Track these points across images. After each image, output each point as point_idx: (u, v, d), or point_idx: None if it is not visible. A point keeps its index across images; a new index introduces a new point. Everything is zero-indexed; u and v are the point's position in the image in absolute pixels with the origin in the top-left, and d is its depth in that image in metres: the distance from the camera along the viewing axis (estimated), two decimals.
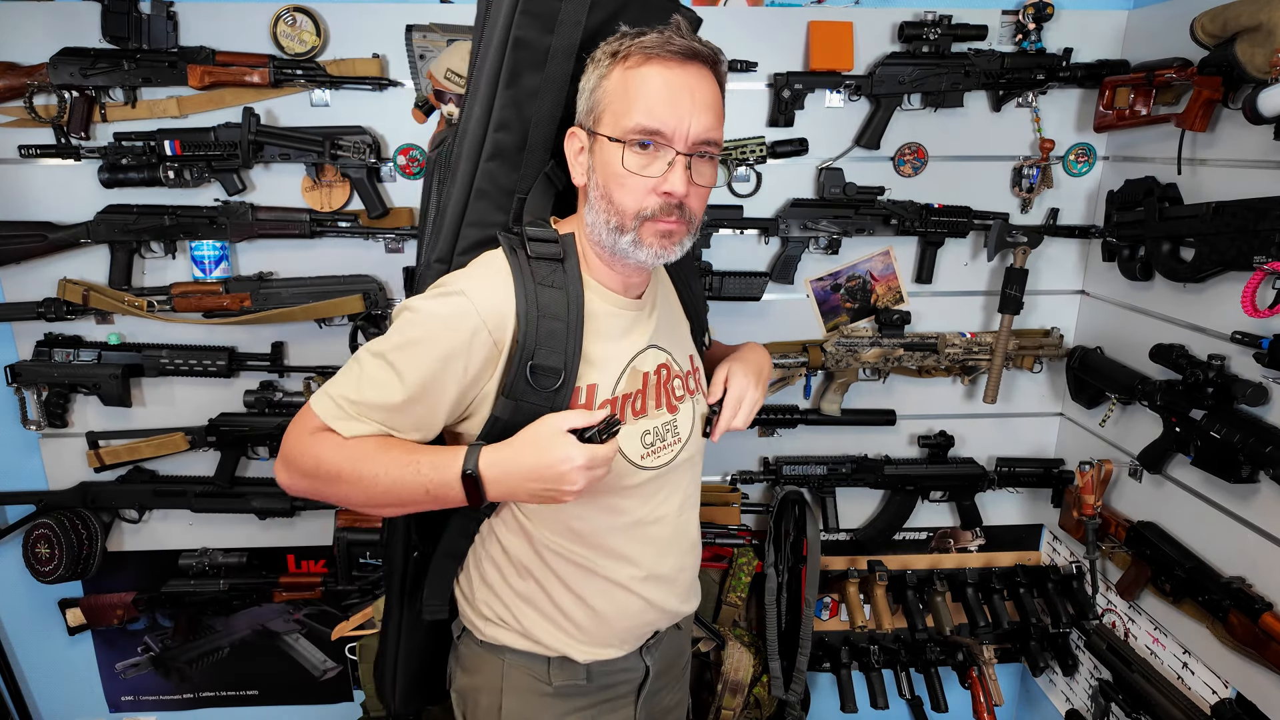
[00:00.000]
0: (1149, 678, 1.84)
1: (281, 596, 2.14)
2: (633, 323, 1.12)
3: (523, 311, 0.99)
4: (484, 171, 1.09)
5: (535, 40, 1.07)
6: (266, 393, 1.99)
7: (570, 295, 1.03)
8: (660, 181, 0.97)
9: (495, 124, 1.09)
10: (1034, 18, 1.85)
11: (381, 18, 1.81)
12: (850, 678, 2.20)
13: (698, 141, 0.98)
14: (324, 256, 1.95)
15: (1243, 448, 1.51)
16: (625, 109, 0.97)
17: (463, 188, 1.11)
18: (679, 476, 1.19)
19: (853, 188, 1.93)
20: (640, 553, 1.16)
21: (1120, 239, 1.86)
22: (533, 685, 1.19)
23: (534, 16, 1.06)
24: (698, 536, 1.29)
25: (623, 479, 1.10)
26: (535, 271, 1.02)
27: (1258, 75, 1.46)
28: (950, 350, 2.03)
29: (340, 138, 1.82)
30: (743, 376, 1.21)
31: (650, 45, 0.96)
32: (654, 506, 1.16)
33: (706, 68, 0.99)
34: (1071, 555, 2.15)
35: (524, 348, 0.99)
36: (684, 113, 0.96)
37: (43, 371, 1.92)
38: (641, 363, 1.12)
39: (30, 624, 2.19)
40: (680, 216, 1.00)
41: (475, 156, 1.10)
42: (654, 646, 1.26)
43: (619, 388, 1.09)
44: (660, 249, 1.01)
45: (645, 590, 1.17)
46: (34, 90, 1.77)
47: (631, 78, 0.97)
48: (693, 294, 1.29)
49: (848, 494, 2.20)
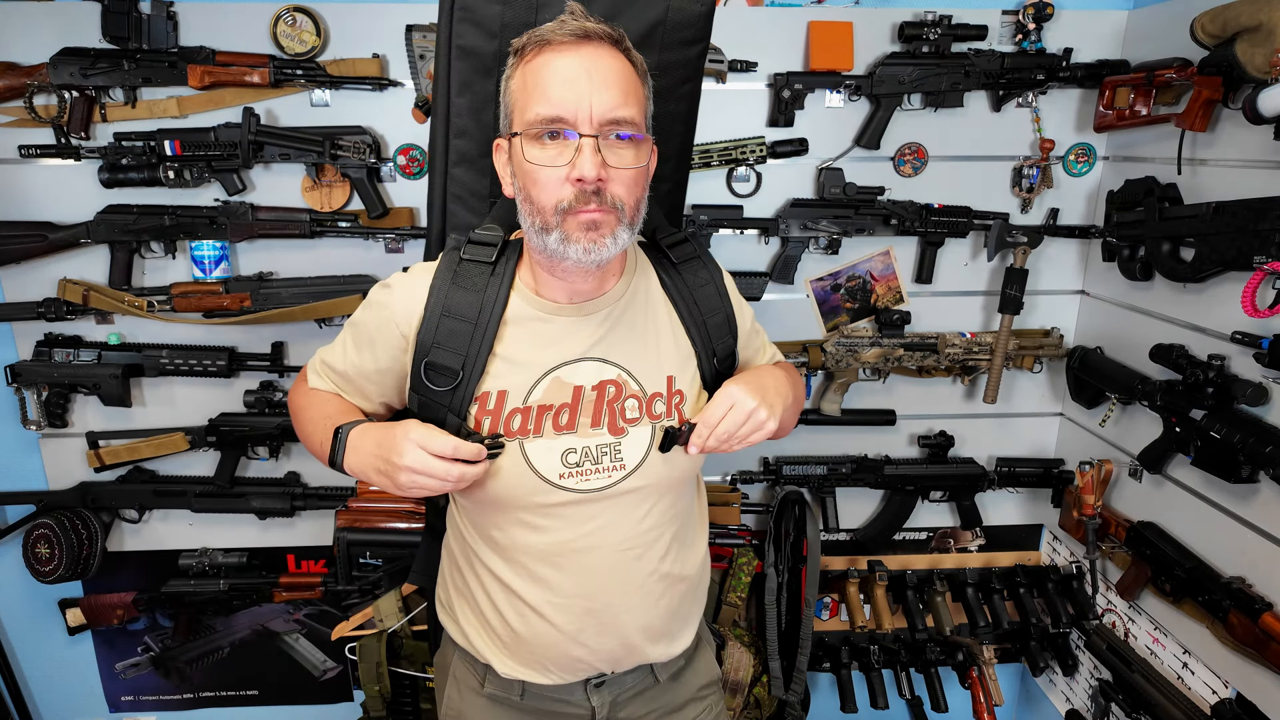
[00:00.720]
0: (1149, 678, 1.84)
1: (281, 596, 2.14)
2: (565, 330, 1.04)
3: (428, 309, 1.02)
4: (453, 177, 1.12)
5: (479, 46, 1.06)
6: (266, 393, 1.99)
7: (486, 298, 1.02)
8: (570, 169, 0.91)
9: (454, 131, 1.11)
10: (1034, 18, 1.85)
11: (381, 18, 1.81)
12: (850, 678, 2.20)
13: (605, 121, 0.91)
14: (324, 256, 1.95)
15: (1243, 448, 1.51)
16: (526, 102, 0.94)
17: (439, 192, 1.15)
18: (622, 507, 1.07)
19: (853, 188, 1.93)
20: (560, 580, 1.07)
21: (1120, 239, 1.86)
22: (470, 682, 1.20)
23: (473, 24, 1.06)
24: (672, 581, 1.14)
25: (534, 494, 1.04)
26: (461, 273, 1.03)
27: (1258, 75, 1.46)
28: (950, 350, 2.03)
29: (340, 138, 1.82)
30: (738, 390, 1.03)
31: (543, 33, 0.93)
32: (584, 534, 1.06)
33: (607, 45, 0.94)
34: (1071, 555, 2.15)
35: (421, 345, 1.03)
36: (582, 93, 0.90)
37: (43, 371, 1.92)
38: (571, 374, 1.04)
39: (30, 624, 2.19)
40: (601, 204, 0.92)
41: (443, 163, 1.12)
42: (604, 688, 1.17)
43: (532, 397, 1.03)
44: (589, 242, 0.93)
45: (563, 620, 1.08)
46: (34, 90, 1.77)
47: (529, 71, 0.94)
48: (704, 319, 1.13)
49: (848, 494, 2.20)
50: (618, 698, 1.19)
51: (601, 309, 1.06)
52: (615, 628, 1.11)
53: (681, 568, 1.16)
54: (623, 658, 1.15)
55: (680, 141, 1.24)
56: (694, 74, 1.20)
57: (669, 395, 1.08)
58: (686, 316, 1.11)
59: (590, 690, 1.17)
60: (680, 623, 1.20)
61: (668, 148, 1.21)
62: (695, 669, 1.27)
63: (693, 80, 1.20)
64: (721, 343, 1.13)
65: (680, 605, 1.18)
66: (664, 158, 1.21)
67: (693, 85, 1.21)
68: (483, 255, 1.04)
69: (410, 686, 1.94)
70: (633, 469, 1.06)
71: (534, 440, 1.03)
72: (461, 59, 1.10)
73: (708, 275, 1.14)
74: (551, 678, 1.13)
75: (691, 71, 1.19)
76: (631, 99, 0.95)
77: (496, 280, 1.03)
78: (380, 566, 1.97)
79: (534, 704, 1.17)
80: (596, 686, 1.17)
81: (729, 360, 1.15)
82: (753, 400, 1.02)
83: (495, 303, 1.02)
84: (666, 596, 1.14)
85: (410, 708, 1.96)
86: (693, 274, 1.13)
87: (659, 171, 1.19)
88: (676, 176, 1.27)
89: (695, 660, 1.28)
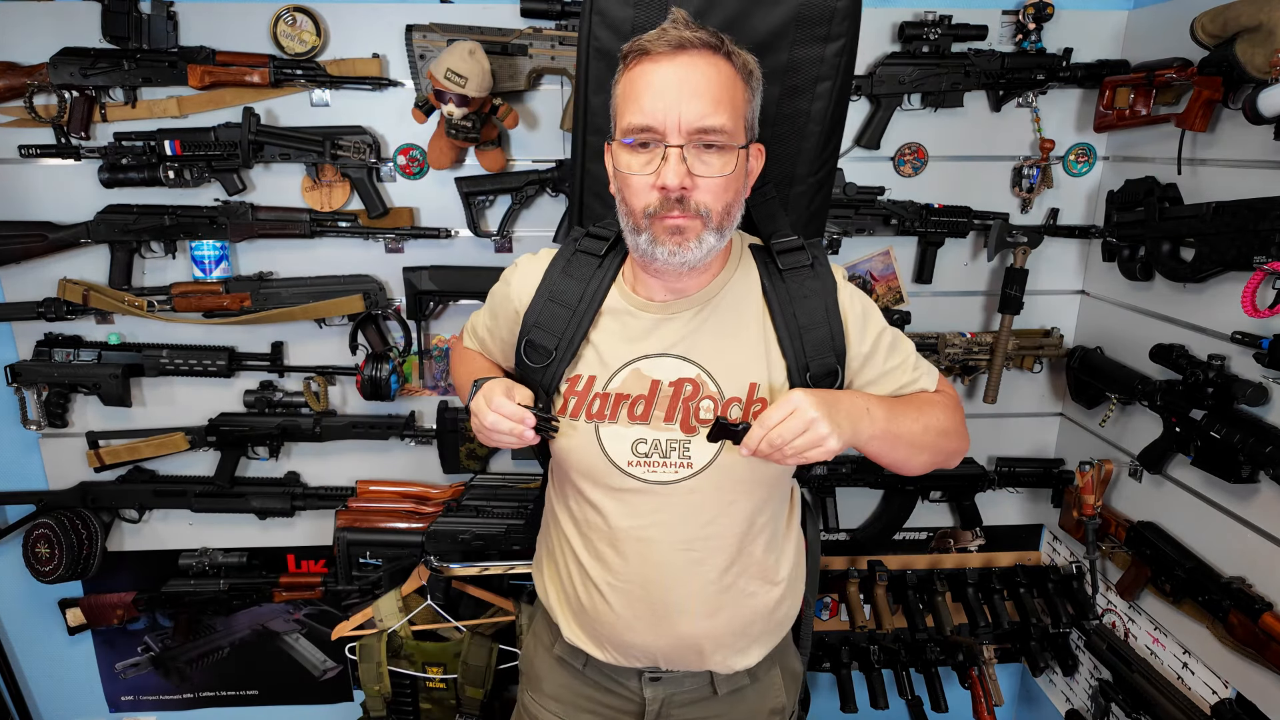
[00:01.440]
0: (1149, 678, 1.84)
1: (281, 596, 2.14)
2: (652, 327, 1.09)
3: (538, 292, 1.13)
4: (589, 172, 1.21)
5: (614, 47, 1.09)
6: (266, 392, 1.99)
7: (589, 288, 1.10)
8: (656, 176, 0.96)
9: (591, 128, 1.19)
10: (1034, 18, 1.85)
11: (381, 18, 1.81)
12: (850, 678, 2.20)
13: (693, 130, 0.95)
14: (324, 256, 1.95)
15: (1243, 448, 1.51)
16: (623, 110, 1.00)
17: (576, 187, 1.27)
18: (686, 506, 1.08)
19: (853, 188, 1.93)
20: (620, 564, 1.11)
21: (1120, 239, 1.86)
22: (545, 639, 1.29)
23: (608, 26, 1.13)
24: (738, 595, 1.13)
25: (602, 476, 1.10)
26: (573, 263, 1.13)
27: (1258, 75, 1.46)
28: (950, 350, 2.03)
29: (340, 138, 1.82)
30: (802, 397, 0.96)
31: (645, 42, 0.97)
32: (645, 524, 1.09)
33: (706, 53, 0.96)
34: (1071, 555, 2.15)
35: (525, 323, 1.13)
36: (670, 103, 0.94)
37: (43, 371, 1.92)
38: (652, 368, 1.08)
39: (30, 624, 2.19)
40: (685, 210, 0.97)
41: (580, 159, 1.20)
42: (659, 684, 1.19)
43: (613, 384, 1.09)
44: (675, 245, 0.98)
45: (620, 604, 1.12)
46: (34, 90, 1.77)
47: (629, 79, 0.99)
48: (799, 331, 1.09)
49: (848, 494, 2.19)
50: (672, 697, 1.21)
51: (690, 308, 1.08)
52: (669, 624, 1.12)
53: (751, 583, 1.14)
54: (675, 657, 1.16)
55: (817, 142, 1.20)
56: (832, 72, 1.17)
57: (748, 401, 1.07)
58: (781, 326, 1.09)
59: (645, 681, 1.20)
60: (746, 640, 1.18)
61: (801, 147, 1.20)
62: (761, 691, 1.25)
63: (831, 79, 1.17)
64: (818, 360, 1.08)
65: (749, 622, 1.16)
66: (796, 158, 1.20)
67: (831, 84, 1.17)
68: (593, 248, 1.13)
69: (410, 686, 1.94)
70: (700, 469, 1.07)
71: (609, 425, 1.09)
72: (598, 59, 1.17)
73: (817, 286, 1.10)
74: (608, 656, 1.18)
75: (829, 70, 1.17)
76: (723, 107, 0.96)
77: (601, 272, 1.12)
78: (380, 566, 1.97)
79: (594, 677, 1.23)
80: (652, 680, 1.20)
81: (829, 380, 1.09)
82: (815, 411, 0.95)
83: (596, 293, 1.11)
84: (731, 609, 1.13)
85: (410, 708, 1.96)
86: (799, 284, 1.10)
87: (793, 172, 1.21)
88: (813, 179, 1.23)
89: (764, 682, 1.25)
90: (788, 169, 1.21)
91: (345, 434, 2.00)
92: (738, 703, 1.23)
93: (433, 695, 1.93)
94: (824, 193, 1.26)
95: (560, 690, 1.26)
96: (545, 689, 1.27)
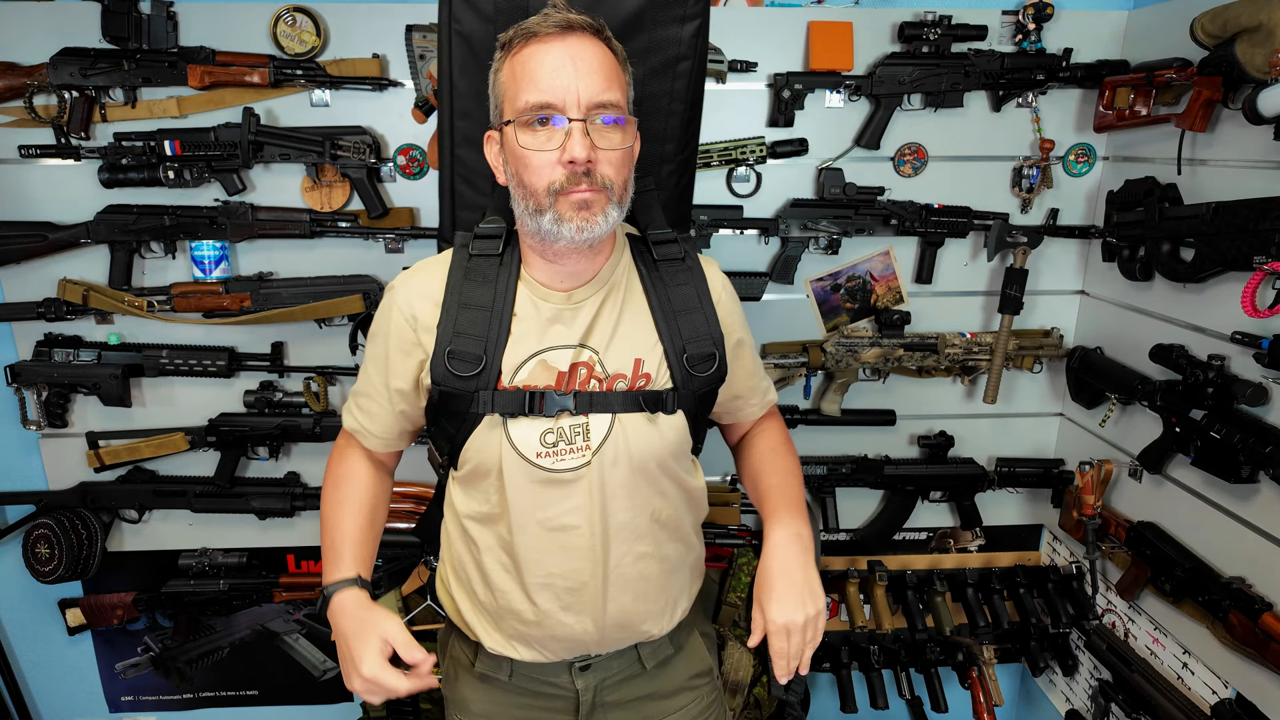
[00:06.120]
0: (1149, 678, 1.84)
1: (281, 596, 2.14)
2: (558, 315, 1.09)
3: (445, 304, 1.08)
4: (459, 159, 1.18)
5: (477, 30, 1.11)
6: (266, 393, 1.99)
7: (499, 286, 1.08)
8: (561, 152, 0.97)
9: (458, 113, 1.17)
10: (1034, 18, 1.85)
11: (381, 18, 1.81)
12: (850, 678, 2.20)
13: (592, 105, 0.98)
14: (324, 256, 1.95)
15: (1243, 448, 1.51)
16: (516, 91, 1.00)
17: (446, 173, 1.21)
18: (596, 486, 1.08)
19: (853, 188, 1.93)
20: (539, 558, 1.11)
21: (1120, 239, 1.86)
22: (463, 660, 1.25)
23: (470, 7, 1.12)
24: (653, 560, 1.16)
25: (514, 471, 1.08)
26: (472, 269, 1.09)
27: (1258, 75, 1.46)
28: (950, 350, 2.03)
29: (340, 138, 1.82)
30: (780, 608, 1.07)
31: (529, 26, 0.99)
32: (561, 512, 1.09)
33: (589, 35, 1.00)
34: (1071, 555, 2.15)
35: (441, 336, 1.07)
36: (568, 80, 0.97)
37: (43, 371, 1.92)
38: (556, 358, 1.08)
39: (30, 624, 2.19)
40: (592, 184, 0.98)
41: (449, 145, 1.18)
42: (590, 671, 1.20)
43: (518, 377, 1.07)
44: (582, 221, 0.99)
45: (542, 598, 1.12)
46: (34, 90, 1.77)
47: (517, 62, 1.00)
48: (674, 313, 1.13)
49: (848, 494, 2.20)
50: (603, 682, 1.22)
51: (592, 293, 1.10)
52: (594, 607, 1.13)
53: (663, 547, 1.17)
54: (606, 639, 1.17)
55: (681, 120, 1.25)
56: (690, 52, 1.22)
57: (634, 377, 1.10)
58: (657, 308, 1.13)
59: (575, 673, 1.20)
60: (665, 601, 1.20)
61: (667, 126, 1.24)
62: (686, 657, 1.28)
63: (689, 59, 1.22)
64: (695, 343, 1.12)
65: (666, 584, 1.19)
66: (664, 137, 1.25)
67: (690, 64, 1.22)
68: (490, 249, 1.10)
69: None
70: (598, 446, 1.08)
71: (517, 420, 1.07)
72: (460, 43, 1.17)
73: (688, 276, 1.15)
74: (534, 655, 1.16)
75: (687, 49, 1.22)
76: (615, 84, 1.01)
77: (505, 270, 1.10)
78: (380, 566, 1.97)
79: (522, 683, 1.21)
80: (582, 669, 1.20)
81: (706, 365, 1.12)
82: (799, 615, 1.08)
83: (508, 290, 1.09)
84: (654, 577, 1.17)
85: (410, 708, 1.96)
86: (672, 273, 1.15)
87: (660, 152, 1.26)
88: (680, 157, 1.28)
89: (686, 648, 1.29)
90: (658, 149, 1.25)
91: None
92: (665, 673, 1.26)
93: (433, 695, 1.94)
94: (690, 170, 1.32)
95: (489, 707, 1.23)
96: (474, 709, 1.24)
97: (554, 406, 1.06)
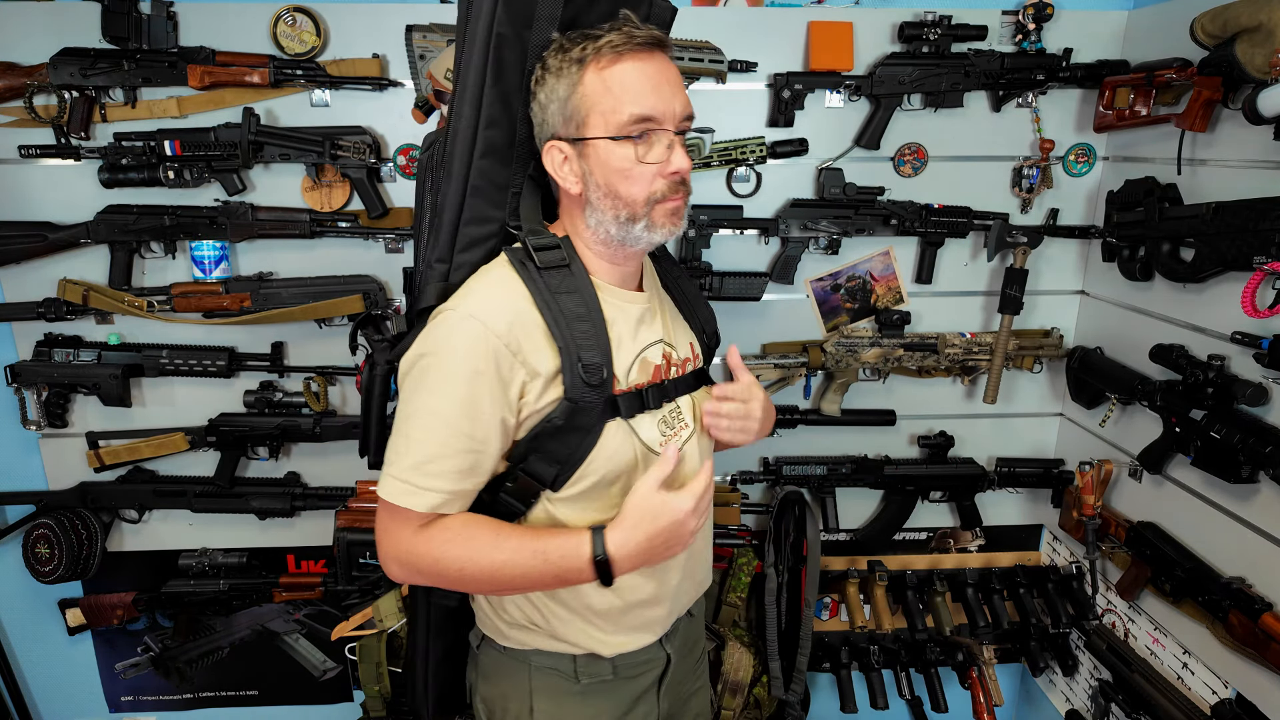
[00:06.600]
0: (1149, 678, 1.84)
1: (281, 596, 2.14)
2: (643, 315, 1.16)
3: (551, 321, 1.03)
4: (478, 169, 1.12)
5: (515, 36, 1.09)
6: (266, 393, 1.99)
7: (586, 295, 1.08)
8: (664, 164, 1.03)
9: (485, 121, 1.11)
10: (1034, 18, 1.85)
11: (381, 18, 1.81)
12: (850, 678, 2.20)
13: (682, 119, 1.05)
14: (324, 256, 1.95)
15: (1243, 448, 1.51)
16: (614, 106, 1.01)
17: (458, 186, 1.12)
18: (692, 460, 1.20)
19: (853, 188, 1.93)
20: None
21: (1120, 239, 1.86)
22: (562, 685, 1.21)
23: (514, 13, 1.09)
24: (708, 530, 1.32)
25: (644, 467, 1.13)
26: (549, 281, 1.05)
27: (1258, 75, 1.46)
28: (950, 350, 2.03)
29: (340, 138, 1.82)
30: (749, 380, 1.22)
31: (618, 43, 1.01)
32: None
33: (665, 52, 1.05)
34: (1071, 555, 2.15)
35: (568, 352, 1.03)
36: (667, 95, 1.02)
37: (43, 371, 1.92)
38: (652, 354, 1.15)
39: (30, 624, 2.19)
40: (686, 190, 1.07)
41: (468, 154, 1.12)
42: (673, 635, 1.28)
43: (630, 378, 1.12)
44: (673, 225, 1.07)
45: (663, 576, 1.19)
46: (34, 90, 1.77)
47: (610, 77, 1.01)
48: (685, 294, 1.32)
49: (848, 494, 2.20)
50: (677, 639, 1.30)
51: (650, 291, 1.20)
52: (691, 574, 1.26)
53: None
54: (693, 594, 1.30)
55: None
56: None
57: (694, 359, 1.26)
58: (680, 298, 1.30)
59: (665, 641, 1.27)
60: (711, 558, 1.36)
61: None
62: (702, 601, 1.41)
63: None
64: (709, 322, 1.32)
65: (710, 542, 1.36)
66: None
67: None
68: (557, 259, 1.07)
69: None
70: (694, 426, 1.21)
71: (637, 419, 1.13)
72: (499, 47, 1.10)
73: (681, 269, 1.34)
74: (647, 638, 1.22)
75: None
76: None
77: (578, 279, 1.08)
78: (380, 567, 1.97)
79: (624, 675, 1.23)
80: (669, 636, 1.27)
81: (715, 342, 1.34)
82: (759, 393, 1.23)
83: (592, 298, 1.08)
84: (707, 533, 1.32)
85: (410, 708, 1.96)
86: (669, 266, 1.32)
87: None
88: None
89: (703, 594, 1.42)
90: None
91: (345, 434, 2.00)
92: (698, 620, 1.39)
93: None
94: None
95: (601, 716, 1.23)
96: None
97: (661, 398, 1.14)
